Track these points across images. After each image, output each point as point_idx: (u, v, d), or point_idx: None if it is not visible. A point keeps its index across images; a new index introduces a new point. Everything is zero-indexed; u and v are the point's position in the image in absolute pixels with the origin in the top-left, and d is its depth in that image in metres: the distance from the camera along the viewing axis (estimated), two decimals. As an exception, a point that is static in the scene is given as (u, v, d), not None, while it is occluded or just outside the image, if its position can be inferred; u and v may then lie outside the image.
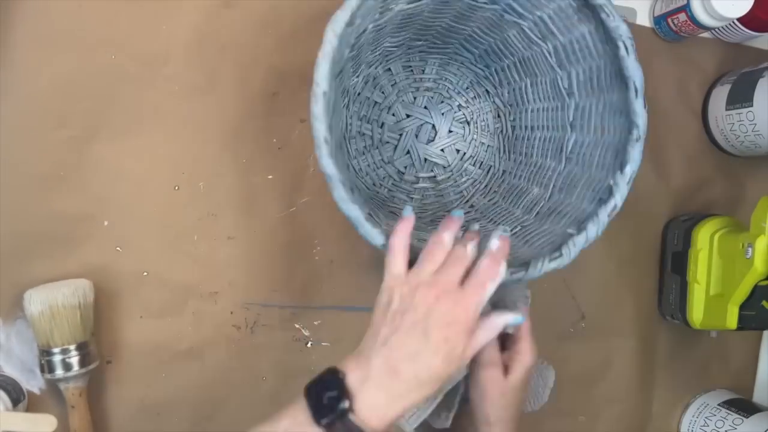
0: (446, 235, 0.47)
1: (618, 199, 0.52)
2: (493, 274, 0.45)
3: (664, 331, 0.75)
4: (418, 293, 0.44)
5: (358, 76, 0.63)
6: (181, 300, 0.62)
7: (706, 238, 0.69)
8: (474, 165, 0.68)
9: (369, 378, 0.43)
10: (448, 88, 0.67)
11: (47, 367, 0.56)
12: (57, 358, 0.55)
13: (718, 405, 0.73)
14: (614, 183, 0.52)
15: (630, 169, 0.51)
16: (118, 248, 0.61)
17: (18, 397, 0.56)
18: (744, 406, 0.71)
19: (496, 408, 0.52)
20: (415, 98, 0.66)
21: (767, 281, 0.63)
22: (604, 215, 0.51)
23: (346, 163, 0.62)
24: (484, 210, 0.65)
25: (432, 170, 0.67)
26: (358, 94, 0.64)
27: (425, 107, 0.66)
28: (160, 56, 0.62)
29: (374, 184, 0.65)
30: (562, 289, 0.72)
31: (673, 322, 0.74)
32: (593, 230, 0.51)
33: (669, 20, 0.71)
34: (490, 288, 0.45)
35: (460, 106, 0.67)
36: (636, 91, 0.50)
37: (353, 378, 0.43)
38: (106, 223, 0.61)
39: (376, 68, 0.64)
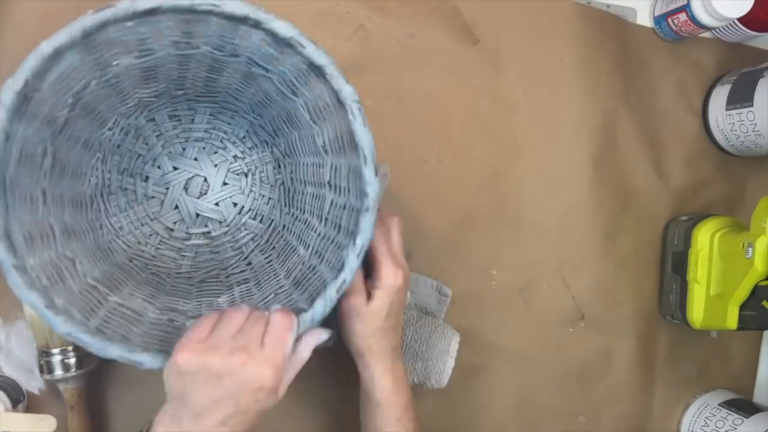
0: (244, 306, 0.47)
1: (347, 274, 0.46)
2: (288, 325, 0.45)
3: (665, 331, 0.76)
4: (224, 361, 0.42)
5: (111, 129, 0.56)
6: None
7: (706, 238, 0.69)
8: (254, 219, 0.63)
9: None
10: (222, 137, 0.62)
11: (46, 367, 0.56)
12: (56, 359, 0.55)
13: (719, 405, 0.73)
14: (346, 255, 0.46)
15: (360, 241, 0.46)
16: (117, 249, 0.61)
17: (18, 398, 0.56)
18: (744, 406, 0.71)
19: (362, 337, 0.51)
20: (184, 149, 0.61)
21: (767, 281, 0.63)
22: (332, 291, 0.46)
23: (99, 222, 0.57)
24: (258, 270, 0.59)
25: (206, 225, 0.62)
26: (118, 146, 0.58)
27: (195, 158, 0.61)
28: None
29: (138, 242, 0.59)
30: (561, 290, 0.72)
31: (673, 322, 0.74)
32: (320, 308, 0.46)
33: (669, 20, 0.71)
34: (291, 339, 0.45)
35: (236, 156, 0.62)
36: (365, 158, 0.46)
37: None
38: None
39: (136, 119, 0.58)
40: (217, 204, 0.62)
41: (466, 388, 0.69)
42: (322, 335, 0.47)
